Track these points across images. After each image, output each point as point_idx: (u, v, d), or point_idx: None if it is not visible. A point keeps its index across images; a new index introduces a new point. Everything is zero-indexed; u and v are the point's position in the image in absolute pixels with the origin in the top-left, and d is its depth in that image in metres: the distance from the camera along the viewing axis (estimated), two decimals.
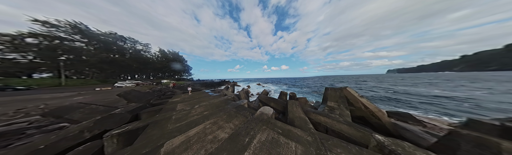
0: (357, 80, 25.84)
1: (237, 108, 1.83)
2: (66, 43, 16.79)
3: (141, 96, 3.03)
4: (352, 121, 1.92)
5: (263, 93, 4.21)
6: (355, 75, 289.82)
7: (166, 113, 1.67)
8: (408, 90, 8.98)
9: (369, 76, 66.14)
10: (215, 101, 2.37)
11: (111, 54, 21.14)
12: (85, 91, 7.98)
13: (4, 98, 5.67)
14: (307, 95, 8.61)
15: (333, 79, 38.18)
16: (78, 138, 1.25)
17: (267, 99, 2.85)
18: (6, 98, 5.69)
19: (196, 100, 2.63)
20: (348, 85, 13.20)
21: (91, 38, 19.36)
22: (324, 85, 16.95)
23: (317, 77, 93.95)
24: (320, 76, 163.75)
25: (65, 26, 17.26)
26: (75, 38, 17.88)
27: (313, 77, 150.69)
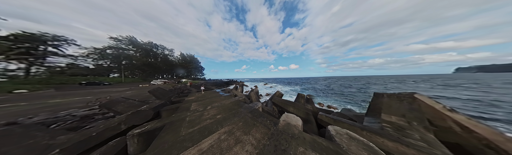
0: (404, 81, 20.02)
1: (253, 113, 1.61)
2: (125, 52, 23.81)
3: (164, 93, 3.53)
4: None
5: (276, 95, 3.80)
6: (395, 75, 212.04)
7: (181, 113, 1.72)
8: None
9: (426, 77, 46.74)
10: (226, 103, 2.29)
11: (149, 59, 27.84)
12: (134, 87, 11.18)
13: (97, 90, 8.87)
14: (329, 99, 7.24)
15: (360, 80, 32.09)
16: (117, 129, 1.50)
17: (284, 102, 2.48)
18: (98, 90, 8.86)
19: (208, 100, 2.69)
20: (390, 89, 10.91)
21: (138, 47, 26.29)
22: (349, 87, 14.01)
23: (334, 78, 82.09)
24: (338, 77, 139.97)
25: (124, 40, 24.53)
26: (129, 48, 24.97)
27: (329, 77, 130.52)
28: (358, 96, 8.37)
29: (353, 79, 41.88)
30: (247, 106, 1.97)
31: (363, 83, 21.69)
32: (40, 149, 1.11)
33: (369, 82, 23.01)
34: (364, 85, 17.08)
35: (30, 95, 6.94)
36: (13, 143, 1.05)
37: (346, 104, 6.21)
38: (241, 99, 2.73)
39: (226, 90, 4.55)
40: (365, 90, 11.86)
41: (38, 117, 2.67)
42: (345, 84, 19.29)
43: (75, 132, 1.59)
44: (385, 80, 28.19)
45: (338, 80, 40.89)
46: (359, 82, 23.55)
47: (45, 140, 1.18)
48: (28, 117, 2.76)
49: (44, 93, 7.70)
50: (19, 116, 2.87)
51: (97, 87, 11.36)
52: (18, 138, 1.10)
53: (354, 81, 27.87)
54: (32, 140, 1.13)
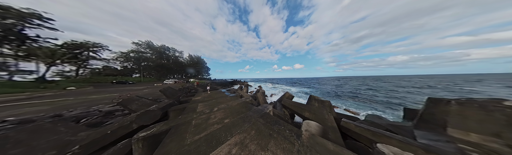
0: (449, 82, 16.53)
1: (264, 118, 1.40)
2: (143, 55, 27.35)
3: (174, 93, 3.71)
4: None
5: (286, 97, 3.44)
6: (427, 75, 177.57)
7: (187, 115, 1.66)
8: None
9: (482, 77, 37.16)
10: (233, 104, 2.16)
11: (163, 60, 31.14)
12: (150, 86, 12.77)
13: (122, 88, 10.55)
14: (345, 102, 6.37)
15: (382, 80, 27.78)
16: (129, 128, 1.55)
17: (298, 106, 2.16)
18: (123, 88, 10.53)
19: (214, 101, 2.63)
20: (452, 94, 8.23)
21: (154, 50, 29.73)
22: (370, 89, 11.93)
23: (347, 78, 74.95)
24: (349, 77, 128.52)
25: (143, 44, 28.19)
26: (147, 51, 28.53)
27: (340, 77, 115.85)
28: (381, 99, 7.13)
29: (371, 79, 36.97)
30: (257, 109, 1.77)
31: (387, 84, 18.61)
32: (63, 145, 1.19)
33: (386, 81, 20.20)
34: (386, 86, 14.80)
35: (77, 91, 8.76)
36: (41, 138, 1.15)
37: (365, 108, 5.26)
38: (248, 101, 2.56)
39: (231, 90, 4.50)
40: (392, 92, 9.99)
41: (75, 111, 3.18)
42: (362, 85, 17.19)
43: (95, 128, 1.75)
44: (415, 81, 23.27)
45: (351, 80, 37.34)
46: (379, 83, 20.37)
47: (68, 136, 1.27)
48: (70, 110, 3.32)
49: (85, 90, 9.49)
50: (64, 110, 3.50)
51: (123, 85, 13.51)
52: (46, 133, 1.21)
53: (371, 81, 24.43)
54: (57, 135, 1.23)
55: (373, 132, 1.22)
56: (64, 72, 17.71)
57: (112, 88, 10.80)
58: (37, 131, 1.18)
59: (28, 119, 2.64)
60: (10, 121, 2.58)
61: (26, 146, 1.05)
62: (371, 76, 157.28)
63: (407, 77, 57.38)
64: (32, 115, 2.96)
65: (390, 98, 7.42)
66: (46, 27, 12.16)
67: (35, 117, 2.77)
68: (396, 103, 6.22)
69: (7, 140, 1.02)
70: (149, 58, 28.05)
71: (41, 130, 1.21)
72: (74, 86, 10.50)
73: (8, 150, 0.99)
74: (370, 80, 29.95)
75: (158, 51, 30.62)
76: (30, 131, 1.15)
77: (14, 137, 1.06)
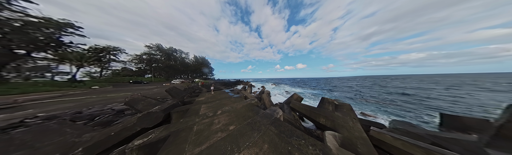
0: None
1: (276, 125, 1.16)
2: (154, 57, 29.82)
3: (179, 93, 3.73)
4: None
5: (295, 99, 3.09)
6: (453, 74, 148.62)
7: (189, 118, 1.52)
8: None
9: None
10: (238, 107, 1.97)
11: (171, 62, 33.39)
12: (159, 85, 13.79)
13: (136, 87, 11.61)
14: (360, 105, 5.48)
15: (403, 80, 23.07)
16: (132, 130, 1.49)
17: (310, 110, 1.89)
18: (136, 87, 11.60)
19: (218, 102, 2.49)
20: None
21: (163, 52, 32.14)
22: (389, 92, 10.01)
23: (358, 77, 67.32)
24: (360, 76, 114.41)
25: (154, 47, 30.74)
26: (157, 53, 31.01)
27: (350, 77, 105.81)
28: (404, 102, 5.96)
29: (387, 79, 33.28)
30: (265, 113, 1.53)
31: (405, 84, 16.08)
32: (67, 147, 1.15)
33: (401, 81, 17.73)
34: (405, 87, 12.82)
35: (99, 90, 9.93)
36: (46, 139, 1.13)
37: (383, 112, 4.42)
38: (254, 103, 2.35)
39: (235, 91, 4.36)
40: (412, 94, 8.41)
41: (93, 109, 3.45)
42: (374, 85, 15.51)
43: (102, 128, 1.76)
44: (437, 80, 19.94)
45: (364, 79, 34.13)
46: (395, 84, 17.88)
47: (73, 137, 1.24)
48: (89, 108, 3.63)
49: (106, 89, 10.68)
50: (85, 107, 3.86)
51: (137, 85, 15.06)
52: (52, 134, 1.20)
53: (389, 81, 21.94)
54: (62, 137, 1.21)
55: (427, 150, 0.85)
56: (90, 73, 20.49)
57: (127, 87, 11.99)
58: (43, 132, 1.18)
59: (54, 115, 2.94)
60: (41, 117, 2.91)
61: (29, 148, 1.02)
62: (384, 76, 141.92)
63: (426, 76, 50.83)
64: (59, 112, 3.31)
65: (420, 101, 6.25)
66: (76, 34, 14.28)
67: (59, 114, 3.08)
68: (428, 107, 5.14)
69: (12, 142, 1.01)
70: (159, 60, 30.48)
71: (47, 131, 1.21)
72: (97, 86, 12.03)
73: (11, 152, 0.96)
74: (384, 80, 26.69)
75: (166, 53, 32.99)
76: (36, 132, 1.15)
77: (19, 139, 1.04)
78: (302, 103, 2.47)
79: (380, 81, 24.53)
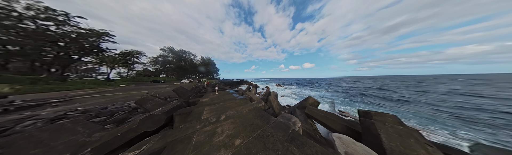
0: None
1: (296, 142, 0.89)
2: (167, 58, 33.60)
3: (185, 92, 3.86)
4: None
5: (310, 103, 2.62)
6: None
7: (190, 124, 1.40)
8: None
9: None
10: (244, 111, 1.76)
11: (181, 63, 36.93)
12: (171, 85, 15.33)
13: (153, 86, 13.14)
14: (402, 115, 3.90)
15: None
16: (137, 131, 1.50)
17: (347, 126, 1.53)
18: (154, 86, 13.12)
19: (222, 104, 2.36)
20: None
21: (174, 54, 35.86)
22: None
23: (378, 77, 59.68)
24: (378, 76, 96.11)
25: (167, 49, 34.70)
26: (169, 55, 34.83)
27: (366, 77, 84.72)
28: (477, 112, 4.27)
29: (428, 80, 25.49)
30: (278, 123, 1.26)
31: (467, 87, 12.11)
32: (77, 146, 1.18)
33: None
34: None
35: (125, 88, 11.79)
36: (60, 138, 1.19)
37: (440, 124, 3.28)
38: (261, 106, 2.10)
39: (239, 91, 4.22)
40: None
41: (115, 105, 3.95)
42: (414, 87, 12.34)
43: (116, 126, 1.87)
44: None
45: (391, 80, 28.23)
46: (453, 85, 13.80)
47: (84, 136, 1.30)
48: (113, 104, 4.19)
49: (130, 87, 12.53)
50: (110, 103, 4.50)
51: (154, 83, 17.28)
52: (66, 133, 1.27)
53: (431, 83, 17.19)
54: (74, 136, 1.27)
55: None
56: (120, 73, 24.78)
57: (146, 86, 13.81)
58: (58, 130, 1.26)
59: (86, 109, 3.49)
60: (78, 111, 3.51)
61: (45, 146, 1.08)
62: (421, 76, 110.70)
63: (495, 77, 35.61)
64: (92, 107, 3.94)
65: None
66: (110, 41, 17.54)
67: (91, 108, 3.65)
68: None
69: (31, 140, 1.08)
70: (171, 61, 34.21)
71: (62, 129, 1.29)
72: (124, 84, 14.47)
73: (30, 150, 1.01)
74: (424, 80, 21.22)
75: (177, 55, 36.66)
76: (53, 131, 1.23)
77: (37, 137, 1.12)
78: (321, 110, 2.06)
79: (417, 82, 19.77)
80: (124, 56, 22.86)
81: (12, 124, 2.55)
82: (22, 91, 7.90)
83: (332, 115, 1.92)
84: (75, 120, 1.44)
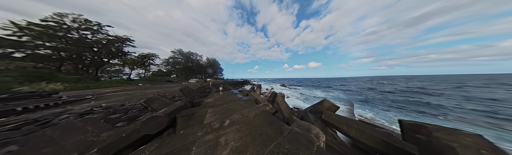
0: None
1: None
2: (177, 60, 36.74)
3: (191, 92, 3.93)
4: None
5: (327, 107, 2.10)
6: None
7: (191, 130, 1.27)
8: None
9: None
10: (250, 115, 1.55)
11: (189, 63, 39.80)
12: (180, 84, 16.59)
13: (165, 85, 14.50)
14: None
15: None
16: (139, 133, 1.47)
17: (381, 137, 1.13)
18: (165, 85, 14.48)
19: (226, 106, 2.22)
20: None
21: (183, 56, 38.91)
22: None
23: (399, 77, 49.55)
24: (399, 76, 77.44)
25: (177, 51, 37.99)
26: (178, 57, 38.01)
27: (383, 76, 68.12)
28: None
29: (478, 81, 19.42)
30: (294, 134, 0.99)
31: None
32: (85, 146, 1.19)
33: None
34: None
35: (142, 87, 13.29)
36: (70, 137, 1.22)
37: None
38: (268, 110, 1.86)
39: (243, 92, 4.07)
40: None
41: (131, 103, 4.35)
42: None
43: (127, 124, 1.93)
44: None
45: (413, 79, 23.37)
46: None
47: (92, 136, 1.31)
48: (129, 101, 4.66)
49: (146, 86, 14.03)
50: (128, 100, 5.02)
51: (167, 83, 19.07)
52: (76, 132, 1.31)
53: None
54: (83, 135, 1.29)
55: None
56: (139, 74, 28.37)
57: (159, 85, 15.34)
58: (68, 129, 1.31)
59: (108, 106, 3.94)
60: (102, 107, 3.99)
61: (56, 145, 1.10)
62: (463, 75, 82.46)
63: None
64: (112, 104, 4.44)
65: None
66: (131, 45, 20.35)
67: (112, 105, 4.11)
68: None
69: (43, 138, 1.12)
70: (180, 62, 37.24)
71: (73, 128, 1.33)
72: (141, 83, 16.43)
73: (42, 148, 1.03)
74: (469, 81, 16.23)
75: (186, 56, 39.68)
76: (63, 129, 1.28)
77: (48, 135, 1.16)
78: (340, 115, 1.67)
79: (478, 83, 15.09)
80: (142, 58, 26.13)
81: (53, 117, 3.05)
82: (68, 88, 9.94)
83: (359, 123, 1.51)
84: (86, 119, 1.50)
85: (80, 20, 15.22)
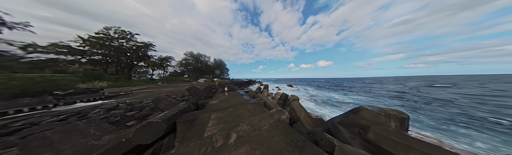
0: None
1: None
2: (188, 61, 40.98)
3: (197, 92, 3.91)
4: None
5: (369, 119, 1.42)
6: None
7: (185, 148, 0.97)
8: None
9: None
10: (263, 128, 1.13)
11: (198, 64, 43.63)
12: (190, 83, 18.24)
13: (179, 84, 16.21)
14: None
15: None
16: (131, 143, 1.33)
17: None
18: (179, 84, 16.18)
19: (231, 110, 1.90)
20: None
21: (193, 57, 43.00)
22: None
23: (454, 77, 40.47)
24: (463, 76, 57.34)
25: (188, 54, 42.43)
26: (190, 58, 42.30)
27: (425, 76, 46.87)
28: None
29: None
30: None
31: None
32: (84, 151, 1.09)
33: None
34: None
35: (161, 85, 15.33)
36: (70, 140, 1.16)
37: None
38: (285, 119, 1.40)
39: (250, 93, 3.72)
40: None
41: (148, 100, 4.82)
42: None
43: (138, 122, 1.91)
44: None
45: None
46: None
47: (94, 139, 1.24)
48: (147, 99, 5.20)
49: (163, 85, 16.08)
50: (146, 98, 5.66)
51: (178, 82, 21.65)
52: (77, 135, 1.26)
53: None
54: (84, 138, 1.23)
55: None
56: (159, 74, 33.31)
57: (173, 84, 17.38)
58: (71, 131, 1.27)
59: (130, 103, 4.47)
60: (126, 103, 4.58)
61: (54, 150, 1.03)
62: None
63: None
64: (134, 100, 5.06)
65: None
66: (153, 50, 24.26)
67: (133, 101, 4.66)
68: None
69: (43, 141, 1.07)
70: (191, 63, 41.37)
71: (75, 131, 1.30)
72: (160, 82, 19.12)
73: (39, 153, 0.96)
74: None
75: (196, 58, 43.74)
76: (66, 132, 1.25)
77: (49, 138, 1.11)
78: (418, 139, 1.00)
79: None
80: (161, 60, 30.51)
81: (90, 110, 3.67)
82: (109, 86, 12.69)
83: (434, 147, 0.82)
84: (90, 121, 1.49)
85: (119, 31, 19.41)
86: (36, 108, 4.29)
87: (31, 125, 2.63)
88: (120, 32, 19.30)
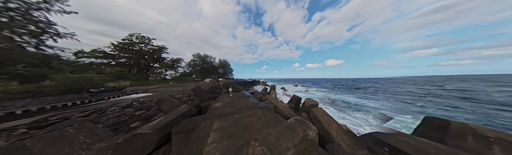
0: None
1: None
2: (196, 62, 44.05)
3: (202, 92, 3.79)
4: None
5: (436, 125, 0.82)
6: None
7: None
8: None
9: None
10: (285, 152, 0.71)
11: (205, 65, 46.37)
12: (197, 83, 19.39)
13: (187, 84, 17.55)
14: None
15: None
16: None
17: None
18: (187, 84, 17.48)
19: (237, 117, 1.55)
20: None
21: (200, 58, 45.94)
22: None
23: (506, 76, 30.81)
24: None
25: (196, 55, 45.61)
26: (197, 59, 45.39)
27: (470, 76, 35.41)
28: None
29: None
30: None
31: None
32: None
33: None
34: None
35: (171, 84, 16.81)
36: (53, 150, 1.02)
37: None
38: (313, 137, 0.96)
39: (256, 95, 3.34)
40: None
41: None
42: None
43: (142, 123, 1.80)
44: None
45: None
46: None
47: (81, 148, 1.09)
48: (158, 98, 5.53)
49: (174, 84, 17.54)
50: (157, 96, 6.03)
51: (185, 81, 23.40)
52: (63, 143, 1.13)
53: None
54: (70, 147, 1.08)
55: None
56: (170, 74, 36.93)
57: (182, 83, 18.77)
58: (56, 139, 1.14)
59: (142, 101, 4.75)
60: (139, 101, 4.90)
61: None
62: None
63: None
64: (147, 98, 5.41)
65: None
66: (165, 52, 27.09)
67: (145, 100, 4.95)
68: None
69: (22, 152, 0.93)
70: (198, 64, 44.36)
71: (61, 138, 1.17)
72: (171, 82, 21.05)
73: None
74: None
75: (202, 59, 46.67)
76: (50, 140, 1.12)
77: (28, 149, 0.97)
78: None
79: None
80: (172, 62, 33.77)
81: (109, 107, 4.02)
82: (131, 85, 14.70)
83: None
84: (82, 126, 1.39)
85: (139, 37, 22.57)
86: (76, 103, 5.11)
87: (63, 120, 2.96)
88: (140, 38, 22.64)
